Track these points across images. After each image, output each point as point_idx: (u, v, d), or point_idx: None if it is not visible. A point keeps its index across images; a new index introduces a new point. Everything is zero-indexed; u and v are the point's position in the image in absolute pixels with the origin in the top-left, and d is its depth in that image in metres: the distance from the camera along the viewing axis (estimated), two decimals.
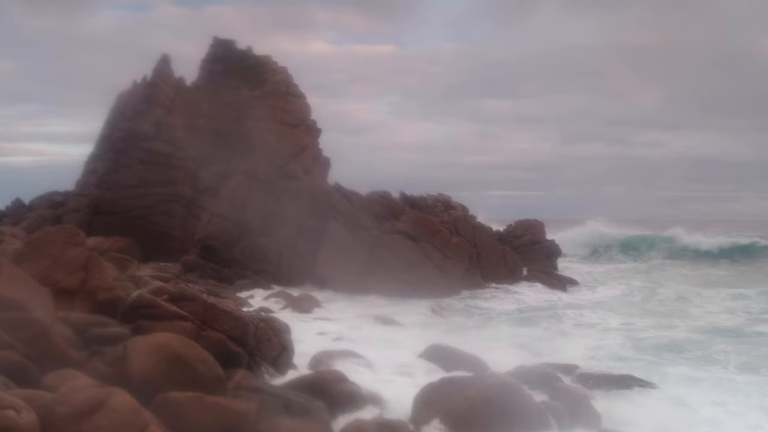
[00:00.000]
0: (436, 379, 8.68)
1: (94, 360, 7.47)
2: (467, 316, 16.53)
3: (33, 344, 6.97)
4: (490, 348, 11.55)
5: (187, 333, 8.39)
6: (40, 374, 6.25)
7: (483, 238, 22.90)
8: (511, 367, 9.82)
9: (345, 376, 9.11)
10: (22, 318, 7.24)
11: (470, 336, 13.15)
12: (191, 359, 7.14)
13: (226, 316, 9.01)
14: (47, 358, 6.70)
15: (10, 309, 7.16)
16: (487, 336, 13.24)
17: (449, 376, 9.01)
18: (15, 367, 6.31)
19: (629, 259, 37.29)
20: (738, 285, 23.42)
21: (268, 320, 10.54)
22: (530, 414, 7.66)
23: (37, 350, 6.81)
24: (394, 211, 22.52)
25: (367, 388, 8.70)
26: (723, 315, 16.35)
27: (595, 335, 13.42)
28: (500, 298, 20.19)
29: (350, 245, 20.69)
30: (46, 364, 6.45)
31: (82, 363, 7.18)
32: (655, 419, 7.98)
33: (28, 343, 7.06)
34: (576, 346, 12.34)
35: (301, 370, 9.63)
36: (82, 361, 7.32)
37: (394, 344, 12.34)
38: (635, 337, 13.27)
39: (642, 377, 9.88)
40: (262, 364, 9.40)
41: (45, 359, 6.65)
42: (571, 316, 16.77)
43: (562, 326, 14.78)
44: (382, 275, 20.27)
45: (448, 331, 13.91)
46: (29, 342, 7.08)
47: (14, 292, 7.51)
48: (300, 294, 18.43)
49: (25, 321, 7.23)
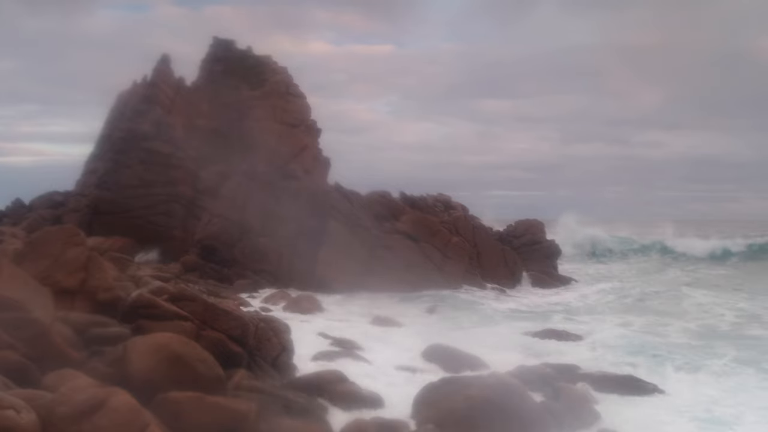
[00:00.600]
0: (436, 378, 8.67)
1: (94, 360, 7.45)
2: (467, 315, 16.60)
3: (33, 344, 6.96)
4: (491, 348, 11.53)
5: (187, 333, 8.32)
6: (40, 374, 6.26)
7: (483, 237, 22.99)
8: (512, 367, 9.82)
9: (345, 376, 9.19)
10: (22, 318, 7.20)
11: (470, 336, 13.18)
12: (191, 359, 7.10)
13: (226, 316, 8.96)
14: (47, 358, 6.71)
15: (10, 309, 7.14)
16: (488, 336, 13.28)
17: (449, 377, 8.99)
18: (15, 367, 6.30)
19: (629, 259, 37.31)
20: (737, 286, 23.48)
21: (268, 320, 10.52)
22: (530, 414, 7.65)
23: (37, 350, 6.81)
24: (394, 211, 22.60)
25: (367, 388, 8.67)
26: (722, 316, 16.40)
27: (595, 335, 13.47)
28: (500, 299, 20.30)
29: (350, 245, 20.71)
30: (46, 364, 6.46)
31: (82, 363, 7.16)
32: (655, 420, 7.96)
33: (28, 343, 7.04)
34: (576, 347, 12.36)
35: (301, 370, 9.60)
36: (82, 361, 7.30)
37: (394, 344, 12.43)
38: (635, 338, 13.32)
39: (642, 378, 9.92)
40: (262, 364, 9.33)
41: (45, 359, 6.65)
42: (571, 317, 16.80)
43: (561, 326, 14.75)
44: (383, 275, 20.37)
45: (448, 330, 13.92)
46: (29, 342, 7.06)
47: (14, 292, 7.48)
48: (300, 294, 18.49)
49: (25, 321, 7.18)
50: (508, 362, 10.32)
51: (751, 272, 29.30)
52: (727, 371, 10.52)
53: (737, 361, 11.23)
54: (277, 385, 8.58)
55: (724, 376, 10.26)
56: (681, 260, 35.24)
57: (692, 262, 34.11)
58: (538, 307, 19.21)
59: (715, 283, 24.83)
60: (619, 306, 19.17)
